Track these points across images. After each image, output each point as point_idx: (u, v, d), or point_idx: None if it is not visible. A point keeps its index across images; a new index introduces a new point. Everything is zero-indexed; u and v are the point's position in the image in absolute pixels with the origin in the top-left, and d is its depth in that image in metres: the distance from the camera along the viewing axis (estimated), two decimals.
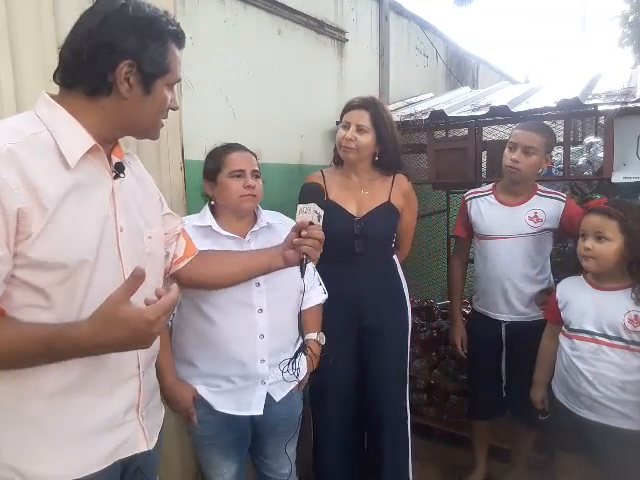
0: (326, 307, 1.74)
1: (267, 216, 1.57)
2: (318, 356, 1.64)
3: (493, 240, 2.03)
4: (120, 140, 1.05)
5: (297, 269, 1.27)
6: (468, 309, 3.05)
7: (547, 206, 1.97)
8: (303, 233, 1.22)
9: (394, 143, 1.84)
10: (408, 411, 1.97)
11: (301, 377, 1.57)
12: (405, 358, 1.95)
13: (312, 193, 1.29)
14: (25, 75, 1.32)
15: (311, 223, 1.22)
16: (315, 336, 1.65)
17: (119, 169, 1.00)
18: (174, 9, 1.71)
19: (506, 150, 1.96)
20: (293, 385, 1.54)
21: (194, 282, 1.27)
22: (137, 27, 0.91)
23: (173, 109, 1.04)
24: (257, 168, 1.52)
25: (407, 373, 1.97)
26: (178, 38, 0.98)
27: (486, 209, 2.06)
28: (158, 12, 0.95)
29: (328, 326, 1.74)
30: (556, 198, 1.99)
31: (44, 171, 0.85)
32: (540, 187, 2.04)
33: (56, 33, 1.36)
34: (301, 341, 1.60)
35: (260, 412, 1.45)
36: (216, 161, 1.48)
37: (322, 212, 1.26)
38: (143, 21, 0.91)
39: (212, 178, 1.47)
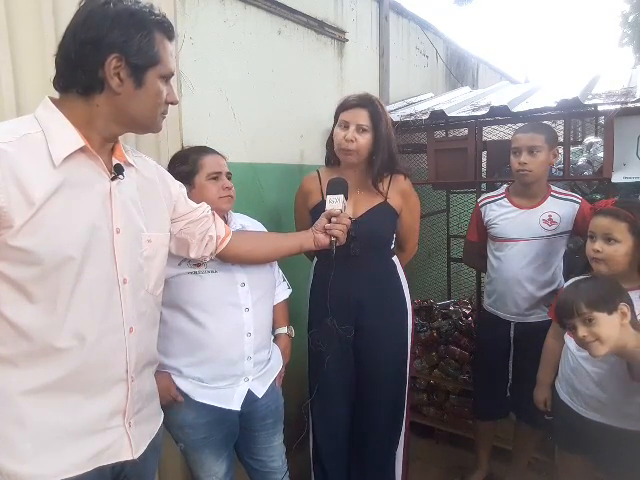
0: (324, 310, 1.75)
1: (238, 218, 1.63)
2: (290, 348, 1.73)
3: (507, 242, 2.03)
4: (120, 138, 1.05)
5: (274, 268, 1.64)
6: (468, 309, 3.07)
7: (561, 208, 1.96)
8: (333, 220, 1.48)
9: (391, 141, 1.80)
10: (403, 424, 1.93)
11: (278, 369, 1.63)
12: (404, 361, 1.91)
13: (340, 185, 1.55)
14: (25, 75, 1.33)
15: (340, 211, 1.48)
16: (286, 330, 1.73)
17: (118, 171, 1.00)
18: (174, 9, 1.71)
19: (511, 157, 1.96)
20: (272, 379, 1.59)
21: (241, 257, 1.44)
22: (119, 20, 0.91)
23: (172, 103, 1.03)
24: (229, 170, 1.57)
25: (406, 380, 1.92)
26: (164, 28, 0.98)
27: (500, 213, 2.05)
28: (140, 4, 0.95)
29: (326, 330, 1.74)
30: (571, 200, 1.98)
31: (33, 168, 0.87)
32: (554, 188, 2.03)
33: (56, 33, 1.36)
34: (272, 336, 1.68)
35: (238, 408, 1.48)
36: (191, 164, 1.49)
37: (346, 202, 1.53)
38: (124, 13, 0.92)
39: (187, 181, 1.47)
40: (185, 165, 1.49)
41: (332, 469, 1.94)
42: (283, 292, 1.74)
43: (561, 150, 2.19)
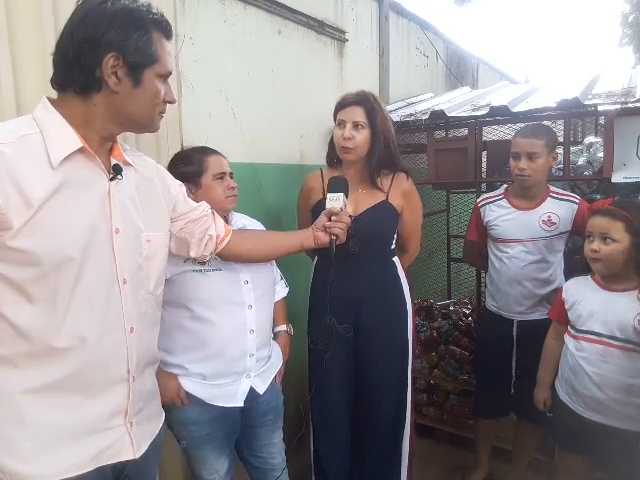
0: (324, 309, 1.74)
1: (240, 218, 1.64)
2: (289, 346, 1.75)
3: (508, 243, 2.04)
4: (120, 138, 1.05)
5: (273, 266, 1.66)
6: (468, 309, 3.07)
7: (560, 209, 1.97)
8: (333, 218, 1.46)
9: (389, 137, 1.79)
10: (405, 425, 1.91)
11: (278, 366, 1.65)
12: (405, 362, 1.89)
13: (340, 184, 1.54)
14: (25, 75, 1.33)
15: (341, 209, 1.47)
16: (285, 327, 1.75)
17: (116, 171, 1.00)
18: (174, 9, 1.71)
19: (511, 160, 1.97)
20: (272, 376, 1.61)
21: (241, 256, 1.43)
22: (117, 18, 0.91)
23: (170, 102, 1.03)
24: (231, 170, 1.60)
25: (407, 381, 1.90)
26: (162, 26, 0.97)
27: (500, 214, 2.06)
28: (138, 2, 0.95)
29: (324, 329, 1.74)
30: (569, 201, 1.99)
31: (32, 169, 0.87)
32: (553, 189, 2.04)
33: (56, 33, 1.36)
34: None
35: (242, 404, 1.50)
36: (196, 164, 1.50)
37: (347, 201, 1.51)
38: (122, 12, 0.92)
39: (193, 181, 1.48)
40: (190, 165, 1.50)
41: (332, 469, 1.94)
42: (281, 290, 1.76)
43: (561, 150, 2.19)
